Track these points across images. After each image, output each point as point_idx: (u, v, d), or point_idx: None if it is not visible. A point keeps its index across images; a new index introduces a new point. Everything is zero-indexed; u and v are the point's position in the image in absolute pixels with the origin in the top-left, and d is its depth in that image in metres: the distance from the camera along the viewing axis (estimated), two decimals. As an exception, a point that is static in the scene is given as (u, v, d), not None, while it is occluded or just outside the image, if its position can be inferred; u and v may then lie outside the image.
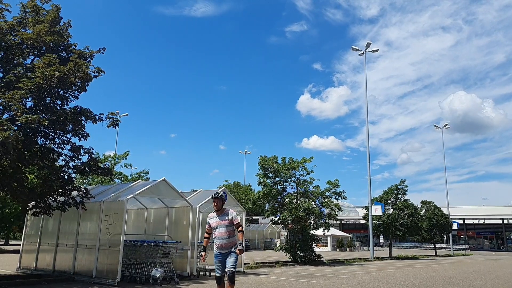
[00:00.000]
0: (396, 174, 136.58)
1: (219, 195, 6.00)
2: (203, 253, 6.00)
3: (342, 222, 66.71)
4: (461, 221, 57.41)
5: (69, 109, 9.84)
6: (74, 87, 9.79)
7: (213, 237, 5.98)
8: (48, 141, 9.91)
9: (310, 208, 19.68)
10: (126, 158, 31.44)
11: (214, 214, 6.03)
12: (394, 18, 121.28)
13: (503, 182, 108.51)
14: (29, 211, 10.87)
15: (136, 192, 10.53)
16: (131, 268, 10.30)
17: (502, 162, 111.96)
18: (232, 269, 5.74)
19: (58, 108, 9.77)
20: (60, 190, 9.98)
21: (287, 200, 20.23)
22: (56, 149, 10.00)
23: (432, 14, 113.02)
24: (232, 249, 5.86)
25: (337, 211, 20.98)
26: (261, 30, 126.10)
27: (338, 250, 43.57)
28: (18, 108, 8.41)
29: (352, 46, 30.63)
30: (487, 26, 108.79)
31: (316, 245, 21.45)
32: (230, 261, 5.82)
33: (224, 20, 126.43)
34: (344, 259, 24.54)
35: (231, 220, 5.91)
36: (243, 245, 5.96)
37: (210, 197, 6.28)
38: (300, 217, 19.31)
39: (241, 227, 5.97)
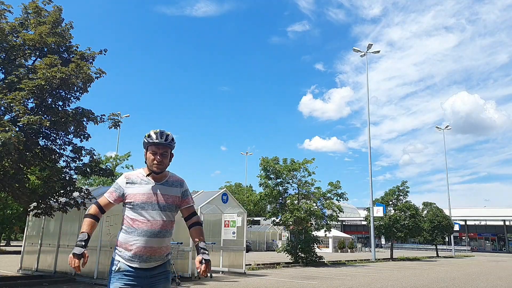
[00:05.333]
0: (397, 175, 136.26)
1: (166, 137, 2.61)
2: (83, 252, 2.31)
3: (344, 223, 66.63)
4: (463, 223, 57.26)
5: (70, 110, 9.85)
6: (75, 88, 9.80)
7: (126, 227, 2.52)
8: (50, 142, 9.92)
9: (312, 209, 19.67)
10: (127, 159, 31.50)
11: (145, 177, 2.61)
12: (396, 18, 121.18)
13: (505, 183, 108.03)
14: (31, 212, 10.87)
15: (138, 193, 10.49)
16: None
17: (505, 163, 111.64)
18: None
19: (60, 109, 9.78)
20: (62, 191, 9.98)
21: (289, 201, 20.20)
22: (57, 150, 10.00)
23: (435, 14, 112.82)
24: (167, 263, 2.64)
25: (339, 213, 20.95)
26: (262, 30, 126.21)
27: (339, 251, 43.48)
28: (20, 109, 8.42)
29: (354, 47, 30.64)
30: (490, 26, 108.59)
31: (317, 247, 21.41)
32: None
33: (225, 20, 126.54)
34: (345, 261, 24.50)
35: (182, 197, 2.68)
36: (208, 249, 2.64)
37: (144, 138, 2.65)
38: (302, 219, 19.28)
39: (197, 216, 2.77)
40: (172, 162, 2.72)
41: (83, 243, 2.30)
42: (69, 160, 10.27)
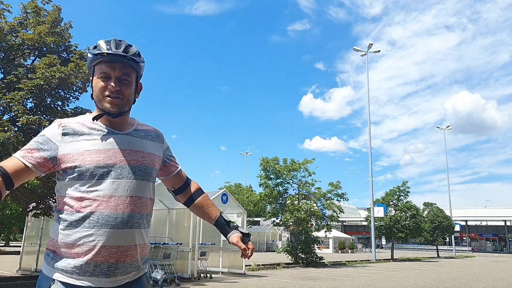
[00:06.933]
0: (398, 176, 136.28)
1: (124, 48, 1.48)
2: None
3: (344, 223, 66.57)
4: (464, 223, 57.22)
5: (70, 110, 9.83)
6: (75, 88, 9.78)
7: (67, 215, 1.42)
8: (49, 142, 9.87)
9: (312, 209, 19.63)
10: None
11: (96, 123, 1.52)
12: (397, 16, 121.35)
13: (506, 183, 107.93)
14: (30, 213, 10.83)
15: (137, 194, 10.47)
16: (131, 270, 10.24)
17: (506, 163, 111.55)
18: None
19: (59, 109, 9.75)
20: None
21: (289, 201, 20.16)
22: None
23: (436, 13, 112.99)
24: (144, 279, 1.56)
25: (339, 213, 20.91)
26: (262, 29, 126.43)
27: (340, 252, 43.43)
28: (19, 109, 8.39)
29: (354, 47, 30.48)
30: (491, 25, 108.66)
31: (317, 247, 21.38)
32: None
33: (225, 19, 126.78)
34: (346, 261, 24.45)
35: (166, 158, 1.71)
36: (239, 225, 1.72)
37: (88, 51, 1.53)
38: (302, 219, 19.24)
39: (195, 182, 1.85)
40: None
41: None
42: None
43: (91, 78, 1.54)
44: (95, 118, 1.51)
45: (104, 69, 1.47)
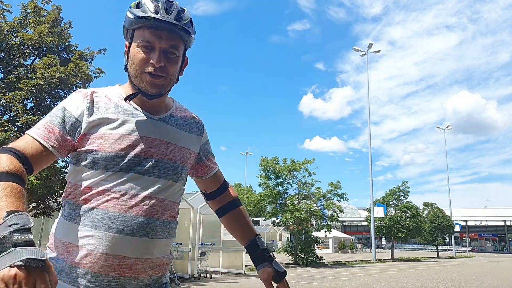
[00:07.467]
0: (398, 176, 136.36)
1: (177, 13, 1.17)
2: (46, 260, 0.77)
3: (344, 223, 66.55)
4: (464, 223, 57.21)
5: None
6: (74, 88, 9.77)
7: (72, 209, 1.17)
8: (49, 142, 9.89)
9: (312, 209, 19.63)
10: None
11: (126, 103, 1.22)
12: (397, 16, 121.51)
13: (506, 183, 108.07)
14: (29, 213, 10.83)
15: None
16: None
17: (506, 163, 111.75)
18: None
19: (59, 109, 9.76)
20: (61, 191, 9.95)
21: (289, 201, 20.16)
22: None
23: (436, 13, 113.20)
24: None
25: (339, 213, 20.91)
26: (263, 29, 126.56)
27: (339, 252, 43.42)
28: (19, 109, 8.40)
29: (354, 47, 30.48)
30: (491, 25, 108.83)
31: (317, 247, 21.38)
32: None
33: (225, 19, 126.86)
34: (346, 261, 24.45)
35: (203, 154, 1.41)
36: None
37: (129, 12, 1.18)
38: (302, 219, 19.23)
39: (232, 188, 1.51)
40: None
41: (30, 237, 0.81)
42: (68, 160, 10.24)
43: (127, 43, 1.23)
44: (127, 98, 1.20)
45: (148, 37, 1.16)
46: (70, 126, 1.16)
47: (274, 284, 1.31)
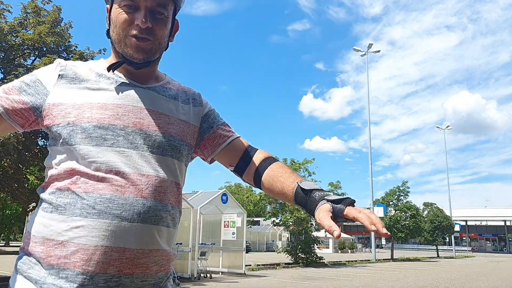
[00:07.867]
0: (398, 176, 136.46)
1: None
2: None
3: (344, 223, 66.55)
4: (464, 223, 57.25)
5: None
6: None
7: (53, 198, 0.94)
8: (49, 142, 9.91)
9: (312, 209, 19.64)
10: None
11: (110, 72, 1.04)
12: (397, 16, 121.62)
13: (506, 183, 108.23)
14: (30, 213, 10.84)
15: (137, 194, 10.47)
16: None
17: (506, 163, 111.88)
18: None
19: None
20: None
21: (289, 201, 20.17)
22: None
23: (436, 13, 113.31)
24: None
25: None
26: (263, 29, 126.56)
27: (339, 252, 43.44)
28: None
29: (354, 47, 30.50)
30: (491, 25, 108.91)
31: (317, 247, 21.39)
32: None
33: (225, 19, 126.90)
34: (345, 261, 24.45)
35: (212, 124, 1.22)
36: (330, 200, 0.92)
37: None
38: (302, 219, 19.24)
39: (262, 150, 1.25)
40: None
41: None
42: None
43: (108, 6, 1.06)
44: (110, 68, 1.03)
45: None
46: (32, 90, 0.98)
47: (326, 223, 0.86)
